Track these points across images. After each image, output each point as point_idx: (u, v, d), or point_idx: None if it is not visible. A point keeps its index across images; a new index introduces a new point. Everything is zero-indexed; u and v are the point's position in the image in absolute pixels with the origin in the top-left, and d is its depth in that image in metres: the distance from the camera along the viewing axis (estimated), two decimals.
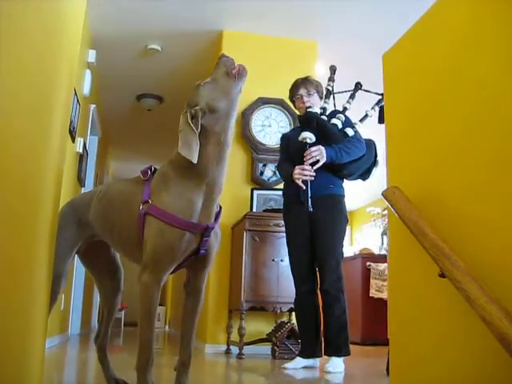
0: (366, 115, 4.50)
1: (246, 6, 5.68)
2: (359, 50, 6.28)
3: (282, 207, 4.91)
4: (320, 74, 6.00)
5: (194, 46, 6.57)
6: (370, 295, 7.49)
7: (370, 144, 4.37)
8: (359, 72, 5.67)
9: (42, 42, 1.90)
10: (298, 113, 4.62)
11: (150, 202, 2.21)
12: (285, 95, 5.34)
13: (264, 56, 6.15)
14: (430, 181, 2.26)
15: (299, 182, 4.04)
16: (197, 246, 2.22)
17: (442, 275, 1.88)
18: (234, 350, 5.13)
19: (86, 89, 6.09)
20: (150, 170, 2.36)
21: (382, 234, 8.42)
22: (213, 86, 2.28)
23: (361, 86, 4.66)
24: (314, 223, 4.12)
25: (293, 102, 4.55)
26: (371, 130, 4.42)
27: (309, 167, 4.04)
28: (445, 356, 2.07)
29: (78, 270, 6.76)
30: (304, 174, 4.04)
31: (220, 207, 2.33)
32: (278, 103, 5.92)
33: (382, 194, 2.33)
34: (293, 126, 5.78)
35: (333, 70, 4.68)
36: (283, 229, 4.75)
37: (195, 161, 2.11)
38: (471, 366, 1.92)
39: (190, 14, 5.84)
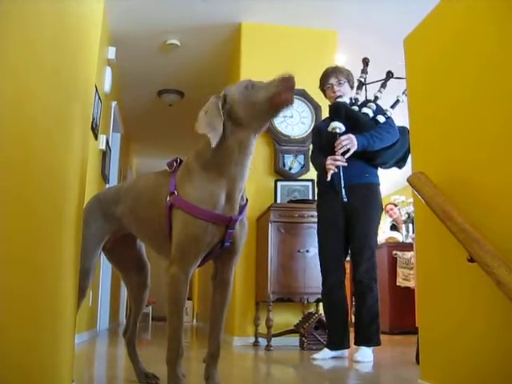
0: (398, 101, 4.43)
1: None
2: (379, 38, 6.21)
3: (306, 198, 4.89)
4: (340, 64, 5.95)
5: (213, 40, 6.56)
6: (397, 284, 7.45)
7: (404, 131, 4.31)
8: (380, 60, 5.62)
9: (62, 41, 1.90)
10: (328, 102, 4.55)
11: (175, 193, 2.21)
12: (306, 86, 5.32)
13: (284, 47, 6.12)
14: (455, 164, 2.23)
15: (329, 174, 4.00)
16: (221, 238, 2.22)
17: (471, 260, 1.85)
18: (262, 341, 5.13)
19: (107, 86, 6.11)
20: (176, 162, 2.36)
21: (407, 222, 8.34)
22: (245, 91, 2.18)
23: (392, 74, 4.59)
24: (349, 212, 4.09)
25: (323, 91, 4.49)
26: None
27: (340, 157, 4.01)
28: (476, 343, 2.04)
29: (104, 265, 6.81)
30: (335, 163, 4.00)
31: (246, 199, 2.33)
32: (300, 94, 5.88)
33: (408, 180, 2.31)
34: (314, 117, 5.75)
35: (366, 62, 4.61)
36: (308, 219, 4.75)
37: (214, 145, 2.11)
38: (502, 354, 1.90)
39: (207, 7, 5.82)
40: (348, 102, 4.28)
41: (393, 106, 4.39)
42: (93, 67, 2.68)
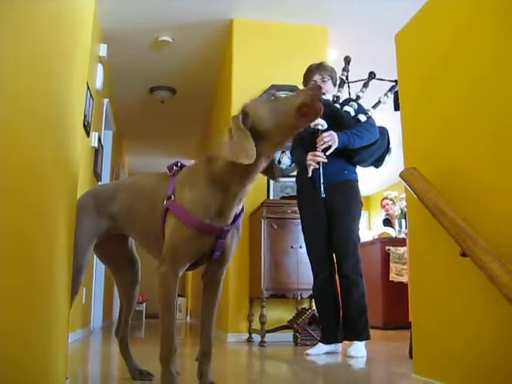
0: (379, 101, 4.47)
1: None
2: (371, 34, 6.22)
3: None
4: (332, 60, 5.96)
5: (205, 36, 6.56)
6: (390, 279, 7.48)
7: (383, 131, 4.36)
8: (371, 56, 5.64)
9: (53, 38, 1.90)
10: None
11: (172, 197, 2.21)
12: (298, 82, 5.31)
13: (275, 43, 6.13)
14: (447, 160, 2.24)
15: (310, 170, 4.03)
16: (211, 247, 2.22)
17: (464, 254, 1.86)
18: (256, 338, 5.14)
19: (99, 83, 6.09)
20: (176, 166, 2.36)
21: (400, 218, 8.36)
22: (268, 103, 2.10)
23: (374, 75, 4.63)
24: (329, 209, 4.13)
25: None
26: (387, 115, 4.38)
27: (321, 153, 4.03)
28: (468, 336, 2.05)
29: (98, 263, 6.80)
30: (316, 160, 4.03)
31: (242, 207, 2.31)
32: (292, 90, 5.86)
33: (400, 176, 2.31)
34: None
35: (347, 60, 4.64)
36: None
37: (252, 161, 1.99)
38: (495, 347, 1.90)
39: (199, 3, 5.82)
40: (331, 99, 4.30)
41: (374, 107, 4.42)
42: (84, 64, 2.68)
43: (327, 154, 4.03)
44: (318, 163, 4.04)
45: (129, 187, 2.54)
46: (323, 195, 4.01)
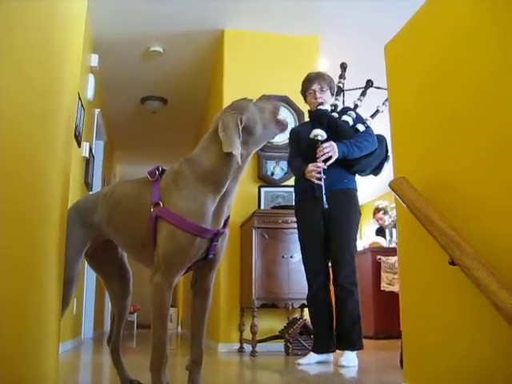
0: (377, 111, 4.48)
1: (245, 3, 5.67)
2: (362, 43, 6.23)
3: (290, 204, 4.88)
4: (324, 69, 5.98)
5: (196, 46, 6.58)
6: (381, 289, 7.48)
7: (381, 139, 4.35)
8: (362, 65, 5.66)
9: (43, 48, 1.90)
10: (308, 107, 4.54)
11: (160, 204, 2.20)
12: (288, 92, 5.35)
13: (266, 53, 6.15)
14: (436, 170, 2.25)
15: (315, 180, 4.01)
16: (206, 250, 2.23)
17: (452, 263, 1.87)
18: (247, 347, 5.13)
19: (90, 93, 6.10)
20: (158, 171, 2.35)
21: (391, 227, 8.38)
22: (260, 112, 2.30)
23: (372, 83, 4.64)
24: (328, 218, 4.11)
25: (304, 96, 4.50)
26: (384, 128, 4.40)
27: (322, 164, 4.02)
28: (458, 345, 2.06)
29: (88, 274, 6.78)
30: (318, 171, 4.02)
31: (228, 214, 2.35)
32: (282, 100, 5.86)
33: (389, 185, 2.32)
34: (297, 123, 5.75)
35: (343, 67, 4.65)
36: (292, 225, 4.74)
37: (240, 164, 2.18)
38: (485, 354, 1.91)
39: (190, 14, 5.84)
40: (329, 109, 4.30)
41: (373, 116, 4.43)
42: (76, 75, 2.68)
43: (327, 164, 4.00)
44: (319, 173, 4.01)
45: (107, 194, 2.50)
46: (326, 206, 3.97)
